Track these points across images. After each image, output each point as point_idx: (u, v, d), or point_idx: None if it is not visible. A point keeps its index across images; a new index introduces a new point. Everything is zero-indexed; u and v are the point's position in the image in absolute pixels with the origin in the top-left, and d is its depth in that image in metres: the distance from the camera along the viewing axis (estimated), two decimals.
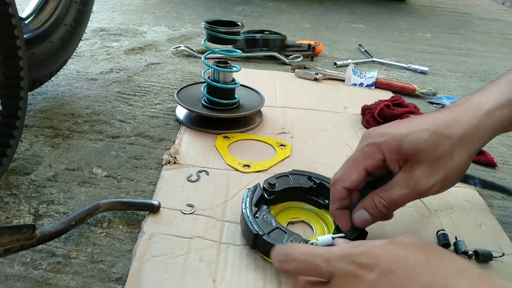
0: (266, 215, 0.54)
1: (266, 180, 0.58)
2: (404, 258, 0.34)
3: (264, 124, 0.87)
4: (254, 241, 0.51)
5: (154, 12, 1.78)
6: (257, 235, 0.50)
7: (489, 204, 0.69)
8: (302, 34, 1.65)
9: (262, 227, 0.51)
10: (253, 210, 0.54)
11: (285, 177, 0.61)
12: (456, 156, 0.45)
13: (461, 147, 0.45)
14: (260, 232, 0.50)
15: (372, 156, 0.47)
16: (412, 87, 1.11)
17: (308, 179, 0.61)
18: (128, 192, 0.65)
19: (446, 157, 0.45)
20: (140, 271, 0.49)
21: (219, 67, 0.81)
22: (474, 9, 2.61)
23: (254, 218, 0.52)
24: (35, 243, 0.48)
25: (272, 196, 0.57)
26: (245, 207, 0.54)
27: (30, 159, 0.71)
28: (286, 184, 0.59)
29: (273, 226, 0.52)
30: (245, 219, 0.53)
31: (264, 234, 0.50)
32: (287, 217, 0.59)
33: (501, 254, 0.56)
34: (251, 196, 0.56)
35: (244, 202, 0.55)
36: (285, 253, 0.38)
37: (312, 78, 1.13)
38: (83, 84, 1.01)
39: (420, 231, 0.60)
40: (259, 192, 0.57)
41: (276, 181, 0.58)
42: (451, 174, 0.45)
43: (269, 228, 0.51)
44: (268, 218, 0.53)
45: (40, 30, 0.87)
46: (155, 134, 0.82)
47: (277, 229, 0.51)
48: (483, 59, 1.56)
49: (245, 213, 0.53)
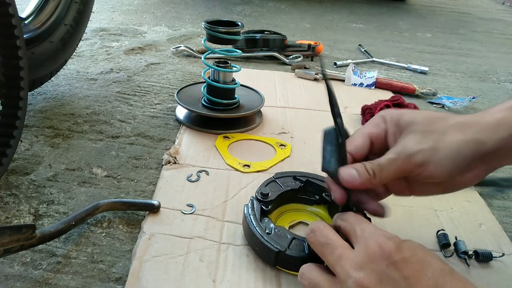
0: (277, 228, 0.52)
1: (257, 190, 0.57)
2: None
3: (264, 124, 0.87)
4: (276, 258, 0.50)
5: (154, 12, 1.78)
6: (279, 252, 0.49)
7: (489, 204, 0.69)
8: (302, 34, 1.65)
9: (280, 242, 0.50)
10: (263, 227, 0.52)
11: (273, 183, 0.60)
12: (449, 135, 0.45)
13: (456, 129, 0.45)
14: (281, 248, 0.49)
15: (377, 125, 0.50)
16: (412, 87, 1.11)
17: (293, 179, 0.61)
18: (128, 192, 0.65)
19: (439, 132, 0.45)
20: (140, 271, 0.49)
21: (219, 67, 0.81)
22: (474, 9, 2.61)
23: (267, 235, 0.51)
24: (35, 243, 0.48)
25: (269, 206, 0.56)
26: (254, 226, 0.52)
27: (30, 159, 0.71)
28: (277, 190, 0.59)
29: (289, 238, 0.51)
30: (259, 239, 0.50)
31: (285, 249, 0.49)
32: (285, 221, 0.59)
33: (501, 254, 0.56)
34: (253, 213, 0.54)
35: (250, 222, 0.53)
36: (314, 228, 0.44)
37: (312, 78, 1.13)
38: (83, 84, 1.01)
39: (420, 231, 0.60)
40: (257, 206, 0.56)
41: (268, 190, 0.57)
42: (440, 147, 0.44)
43: (287, 242, 0.50)
44: (280, 232, 0.52)
45: (40, 30, 0.87)
46: (155, 134, 0.82)
47: (294, 240, 0.50)
48: (483, 59, 1.56)
49: (258, 233, 0.51)
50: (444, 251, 0.56)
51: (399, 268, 0.37)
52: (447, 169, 0.44)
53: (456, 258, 0.56)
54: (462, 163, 0.44)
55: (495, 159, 0.45)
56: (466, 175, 0.46)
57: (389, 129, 0.49)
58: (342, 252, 0.41)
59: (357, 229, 0.42)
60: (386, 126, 0.49)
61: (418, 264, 0.37)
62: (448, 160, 0.44)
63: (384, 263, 0.38)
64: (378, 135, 0.49)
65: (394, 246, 0.39)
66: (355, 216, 0.45)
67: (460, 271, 0.54)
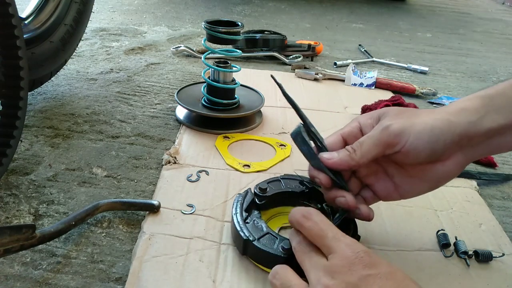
0: (257, 220, 0.52)
1: (257, 184, 0.57)
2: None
3: (264, 124, 0.87)
4: (245, 247, 0.50)
5: (154, 12, 1.78)
6: (247, 241, 0.49)
7: (489, 204, 0.69)
8: (302, 34, 1.65)
9: (253, 232, 0.50)
10: (244, 216, 0.52)
11: (277, 182, 0.60)
12: (422, 116, 0.47)
13: (427, 112, 0.48)
14: (251, 237, 0.49)
15: (349, 124, 0.52)
16: (412, 87, 1.11)
17: (300, 183, 0.60)
18: (128, 192, 0.65)
19: (412, 114, 0.48)
20: (140, 271, 0.49)
21: (219, 67, 0.81)
22: (474, 9, 2.61)
23: (244, 224, 0.51)
24: (35, 243, 0.48)
25: (263, 201, 0.56)
26: (235, 213, 0.53)
27: (30, 159, 0.71)
28: (277, 189, 0.58)
29: (264, 232, 0.50)
30: (235, 224, 0.51)
31: (254, 239, 0.49)
32: (279, 222, 0.58)
33: (501, 254, 0.56)
34: (242, 201, 0.55)
35: (235, 207, 0.54)
36: (308, 213, 0.45)
37: (312, 78, 1.13)
38: (83, 84, 1.01)
39: (420, 231, 0.60)
40: (250, 197, 0.56)
41: (267, 186, 0.57)
42: (415, 122, 0.46)
43: (260, 234, 0.50)
44: (258, 224, 0.52)
45: (40, 30, 0.87)
46: (155, 134, 0.82)
47: (268, 235, 0.50)
48: (483, 59, 1.56)
49: (235, 219, 0.52)
50: (444, 251, 0.56)
51: (371, 283, 0.38)
52: (426, 143, 0.46)
53: (456, 258, 0.56)
54: (439, 140, 0.45)
55: (469, 146, 0.46)
56: (447, 164, 0.47)
57: (364, 123, 0.51)
58: (317, 261, 0.42)
59: (328, 237, 0.42)
60: (359, 122, 0.51)
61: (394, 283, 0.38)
62: (425, 135, 0.46)
63: (356, 276, 0.38)
64: (350, 132, 0.51)
65: (368, 261, 0.39)
66: (322, 221, 0.44)
67: (460, 271, 0.54)
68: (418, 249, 0.57)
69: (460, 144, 0.46)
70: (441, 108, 0.49)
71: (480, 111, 0.45)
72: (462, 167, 0.48)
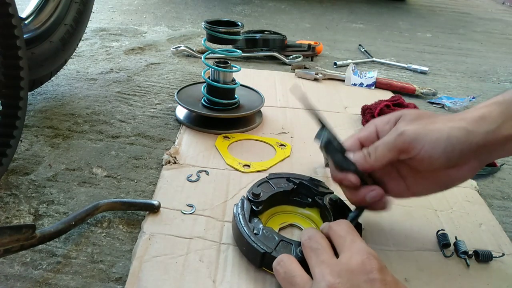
0: (265, 229, 0.52)
1: (249, 190, 0.57)
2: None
3: (264, 124, 0.87)
4: (262, 259, 0.49)
5: (154, 12, 1.78)
6: (265, 254, 0.48)
7: (489, 204, 0.69)
8: (302, 34, 1.65)
9: (267, 243, 0.49)
10: (251, 228, 0.52)
11: (266, 183, 0.60)
12: (439, 123, 0.47)
13: (445, 119, 0.48)
14: (268, 250, 0.48)
15: (366, 128, 0.53)
16: (412, 87, 1.11)
17: (287, 180, 0.61)
18: (128, 192, 0.65)
19: (428, 120, 0.48)
20: (140, 271, 0.49)
21: (219, 67, 0.81)
22: (474, 9, 2.61)
23: (255, 236, 0.51)
24: (35, 243, 0.48)
25: (259, 206, 0.56)
26: (242, 226, 0.52)
27: (30, 159, 0.71)
28: (269, 191, 0.58)
29: (276, 240, 0.50)
30: (246, 239, 0.50)
31: (272, 251, 0.48)
32: (276, 223, 0.58)
33: (501, 254, 0.56)
34: (243, 213, 0.54)
35: (239, 221, 0.53)
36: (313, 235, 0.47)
37: (312, 78, 1.13)
38: (83, 84, 1.01)
39: (420, 231, 0.60)
40: (247, 206, 0.55)
41: (259, 190, 0.57)
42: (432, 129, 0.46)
43: (273, 243, 0.50)
44: (268, 233, 0.51)
45: (40, 30, 0.87)
46: (155, 134, 0.82)
47: (281, 242, 0.50)
48: (483, 59, 1.56)
49: (245, 233, 0.51)
50: (444, 251, 0.56)
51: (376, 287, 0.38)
52: (441, 152, 0.45)
53: (456, 258, 0.56)
54: (455, 149, 0.45)
55: (485, 153, 0.46)
56: (461, 169, 0.47)
57: (381, 128, 0.51)
58: (326, 259, 0.42)
59: (347, 240, 0.44)
60: (376, 125, 0.52)
61: None
62: (441, 143, 0.45)
63: (362, 278, 0.39)
64: (368, 136, 0.52)
65: (378, 266, 0.40)
66: (350, 227, 0.47)
67: (460, 271, 0.54)
68: (418, 249, 0.57)
69: (477, 152, 0.45)
70: (457, 115, 0.48)
71: (498, 119, 0.44)
72: (476, 171, 0.48)
